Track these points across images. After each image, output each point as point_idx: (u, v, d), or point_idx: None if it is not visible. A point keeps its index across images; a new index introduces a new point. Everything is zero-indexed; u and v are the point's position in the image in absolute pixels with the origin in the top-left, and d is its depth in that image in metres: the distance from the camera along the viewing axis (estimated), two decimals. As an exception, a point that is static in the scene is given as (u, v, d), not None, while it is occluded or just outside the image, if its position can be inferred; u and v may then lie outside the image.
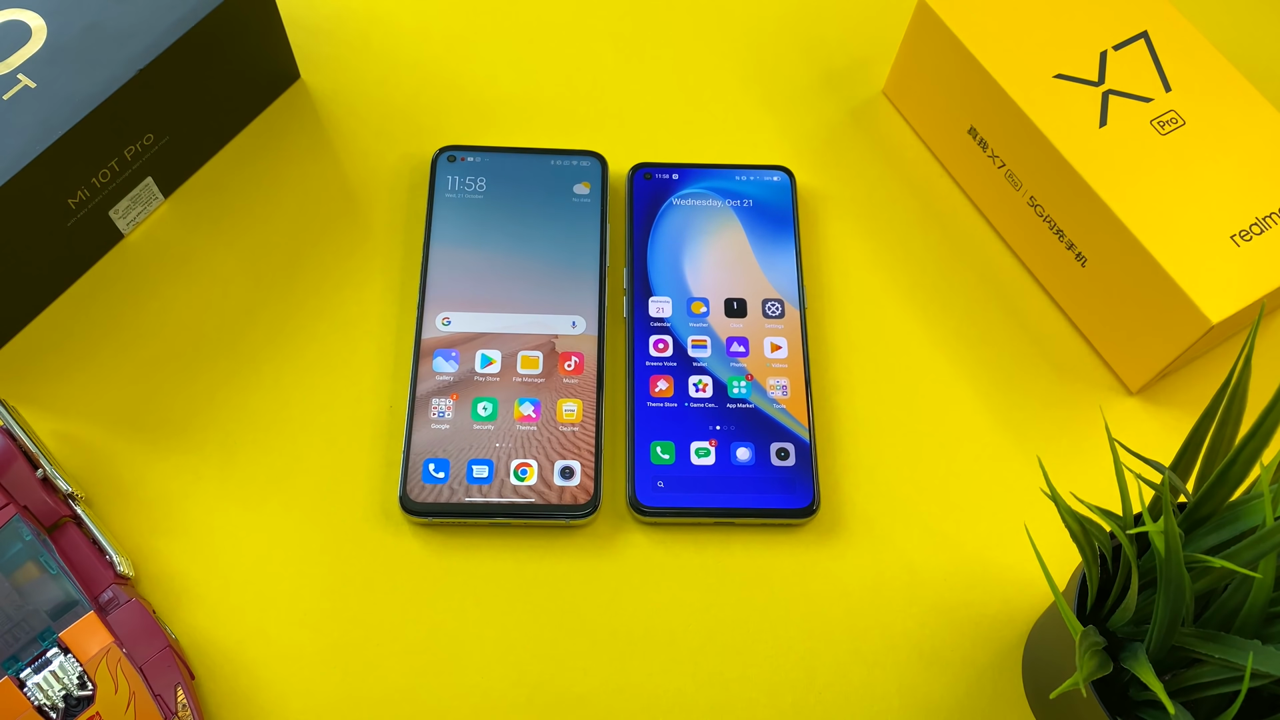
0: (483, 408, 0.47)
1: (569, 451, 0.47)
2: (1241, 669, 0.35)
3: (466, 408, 0.47)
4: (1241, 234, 0.50)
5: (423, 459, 0.46)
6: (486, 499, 0.45)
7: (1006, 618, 0.49)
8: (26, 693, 0.42)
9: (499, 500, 0.45)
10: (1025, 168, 0.53)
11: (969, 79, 0.54)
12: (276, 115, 0.58)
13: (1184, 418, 0.53)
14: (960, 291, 0.56)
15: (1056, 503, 0.37)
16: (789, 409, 0.51)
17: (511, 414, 0.47)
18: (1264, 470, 0.36)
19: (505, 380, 0.48)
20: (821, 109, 0.60)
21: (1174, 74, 0.53)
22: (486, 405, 0.47)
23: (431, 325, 0.49)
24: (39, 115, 0.47)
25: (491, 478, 0.46)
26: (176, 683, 0.44)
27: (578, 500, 0.46)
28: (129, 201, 0.53)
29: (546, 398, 0.48)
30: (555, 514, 0.45)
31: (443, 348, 0.49)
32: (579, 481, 0.46)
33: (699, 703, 0.47)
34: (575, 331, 0.49)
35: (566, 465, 0.46)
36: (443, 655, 0.47)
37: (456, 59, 0.60)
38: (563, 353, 0.49)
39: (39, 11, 0.50)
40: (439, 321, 0.49)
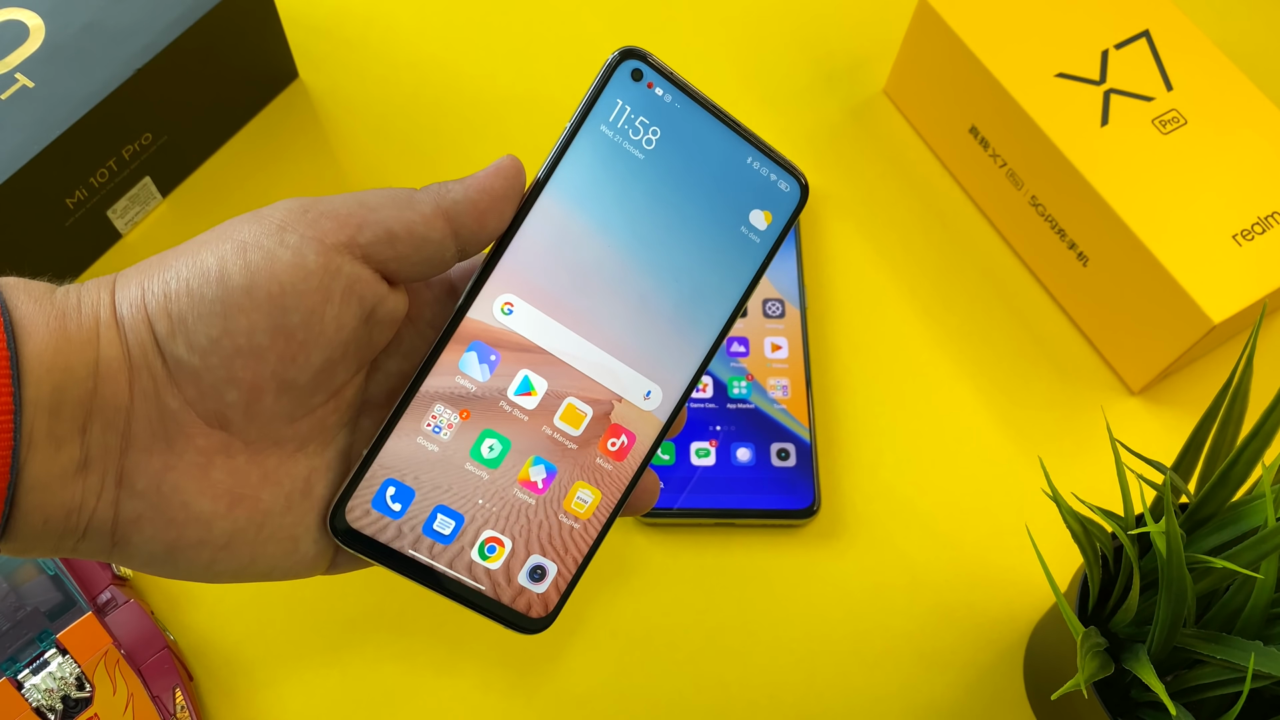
0: (489, 446, 0.33)
1: (553, 549, 0.35)
2: (1243, 670, 0.35)
3: (470, 437, 0.33)
4: (1243, 233, 0.49)
5: (385, 476, 0.32)
6: (433, 562, 0.33)
7: (1008, 618, 0.49)
8: (25, 694, 0.42)
9: (444, 570, 0.33)
10: (1026, 167, 0.53)
11: (970, 78, 0.54)
12: (275, 114, 0.58)
13: (1186, 418, 0.53)
14: (961, 291, 0.56)
15: (1058, 503, 0.37)
16: (789, 409, 0.51)
17: (518, 470, 0.34)
18: (1266, 471, 0.36)
19: (534, 423, 0.34)
20: (822, 108, 0.60)
21: (1175, 73, 0.53)
22: (495, 445, 0.33)
23: (486, 306, 0.33)
24: (37, 114, 0.47)
25: (453, 539, 0.33)
26: (175, 684, 0.44)
27: (530, 610, 0.34)
28: (127, 201, 0.53)
29: (566, 471, 0.34)
30: (496, 614, 0.34)
31: (486, 342, 0.33)
32: (545, 590, 0.34)
33: (699, 704, 0.47)
34: (644, 404, 0.35)
35: (540, 565, 0.34)
36: (442, 655, 0.47)
37: (456, 59, 0.60)
38: (614, 424, 0.35)
39: (37, 11, 0.50)
40: (498, 306, 0.33)
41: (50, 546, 0.28)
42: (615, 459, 0.35)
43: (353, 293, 0.29)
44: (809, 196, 0.36)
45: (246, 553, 0.30)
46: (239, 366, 0.28)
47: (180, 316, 0.28)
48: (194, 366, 0.28)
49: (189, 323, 0.28)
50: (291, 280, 0.28)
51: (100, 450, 0.28)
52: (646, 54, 0.34)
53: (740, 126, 0.35)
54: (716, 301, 0.35)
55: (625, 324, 0.35)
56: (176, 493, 0.28)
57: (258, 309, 0.28)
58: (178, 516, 0.29)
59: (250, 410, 0.29)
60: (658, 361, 0.35)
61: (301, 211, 0.29)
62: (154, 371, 0.28)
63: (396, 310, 0.31)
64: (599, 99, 0.34)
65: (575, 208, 0.34)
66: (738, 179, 0.35)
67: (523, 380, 0.34)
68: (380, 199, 0.30)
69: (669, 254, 0.35)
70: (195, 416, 0.29)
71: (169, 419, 0.28)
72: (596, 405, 0.35)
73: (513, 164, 0.32)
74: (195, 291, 0.28)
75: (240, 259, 0.28)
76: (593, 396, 0.35)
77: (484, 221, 0.31)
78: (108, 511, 0.28)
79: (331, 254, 0.29)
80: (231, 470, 0.29)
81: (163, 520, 0.28)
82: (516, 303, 0.33)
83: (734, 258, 0.36)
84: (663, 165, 0.34)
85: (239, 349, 0.28)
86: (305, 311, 0.28)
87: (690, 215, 0.35)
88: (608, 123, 0.34)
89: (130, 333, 0.28)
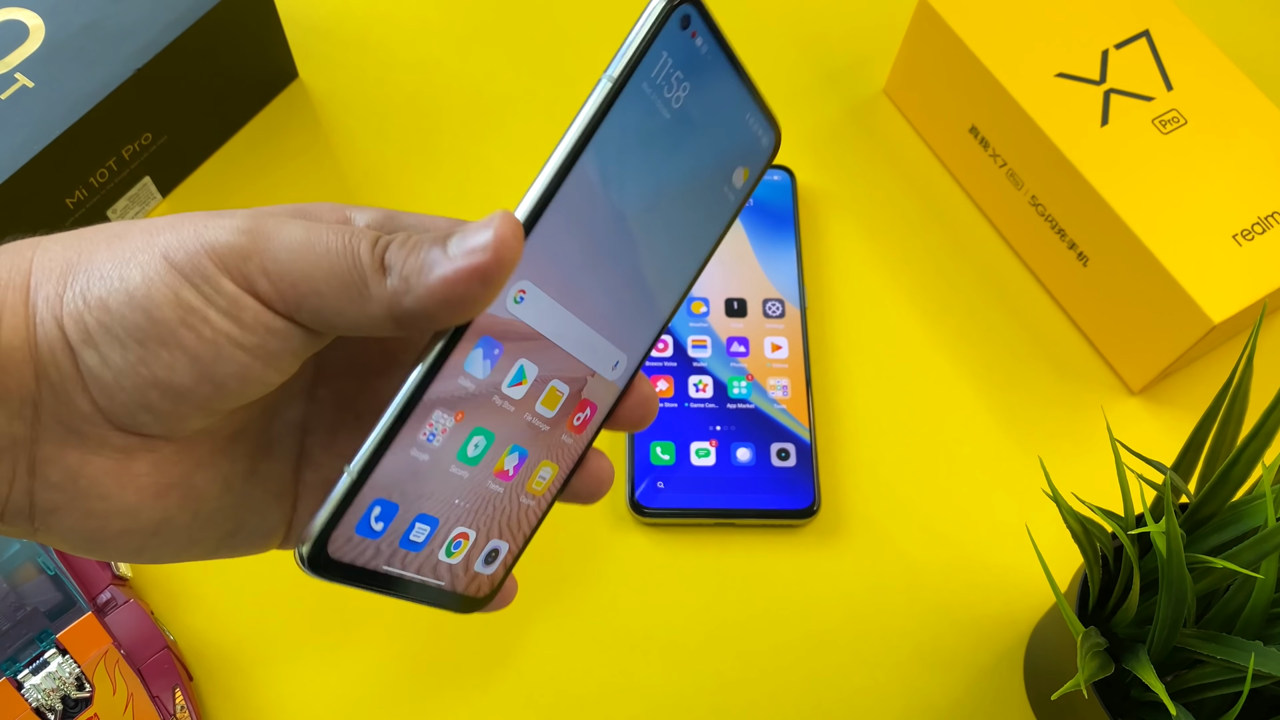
0: (475, 444, 0.29)
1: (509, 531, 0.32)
2: (1243, 670, 0.35)
3: (459, 439, 0.29)
4: (1243, 233, 0.49)
5: (374, 497, 0.27)
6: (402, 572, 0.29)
7: (1008, 618, 0.49)
8: (25, 694, 0.42)
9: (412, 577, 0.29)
10: (1027, 167, 0.53)
11: (970, 78, 0.54)
12: (275, 114, 0.58)
13: (1186, 418, 0.53)
14: (961, 291, 0.56)
15: (1058, 503, 0.37)
16: (789, 409, 0.51)
17: (494, 463, 0.30)
18: (1266, 471, 0.36)
19: (517, 412, 0.30)
20: (822, 108, 0.60)
21: (1176, 73, 0.53)
22: (480, 442, 0.30)
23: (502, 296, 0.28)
24: (37, 114, 0.47)
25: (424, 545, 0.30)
26: (175, 684, 0.44)
27: (478, 591, 0.32)
28: (127, 201, 0.53)
29: (535, 452, 0.31)
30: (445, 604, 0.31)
31: (496, 337, 0.29)
32: (494, 570, 0.32)
33: (699, 704, 0.47)
34: (611, 374, 0.32)
35: (495, 548, 0.32)
36: (442, 655, 0.47)
37: (456, 59, 0.60)
38: (583, 400, 0.32)
39: (37, 11, 0.50)
40: (512, 295, 0.28)
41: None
42: (576, 433, 0.32)
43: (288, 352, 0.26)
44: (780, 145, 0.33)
45: (182, 537, 0.28)
46: (155, 396, 0.25)
47: (97, 328, 0.25)
48: (106, 382, 0.25)
49: (103, 340, 0.25)
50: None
51: (8, 439, 0.25)
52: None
53: (749, 79, 0.31)
54: (684, 263, 0.32)
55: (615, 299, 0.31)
56: (95, 486, 0.26)
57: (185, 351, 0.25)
58: (97, 509, 0.26)
59: (171, 428, 0.26)
60: (629, 331, 0.32)
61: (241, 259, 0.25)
62: (63, 370, 0.25)
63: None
64: (649, 50, 0.28)
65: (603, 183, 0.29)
66: (733, 136, 0.31)
67: (517, 370, 0.30)
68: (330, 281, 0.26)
69: (666, 225, 0.31)
70: (107, 422, 0.26)
71: (80, 419, 0.26)
72: (573, 384, 0.31)
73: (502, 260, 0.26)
74: (114, 311, 0.25)
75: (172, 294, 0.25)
76: (570, 375, 0.31)
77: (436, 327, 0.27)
78: (23, 499, 0.26)
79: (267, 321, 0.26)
80: (156, 463, 0.27)
81: (82, 512, 0.26)
82: (530, 290, 0.29)
83: (711, 218, 0.32)
84: (682, 126, 0.30)
85: (156, 381, 0.25)
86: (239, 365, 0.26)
87: (690, 181, 0.31)
88: (649, 79, 0.28)
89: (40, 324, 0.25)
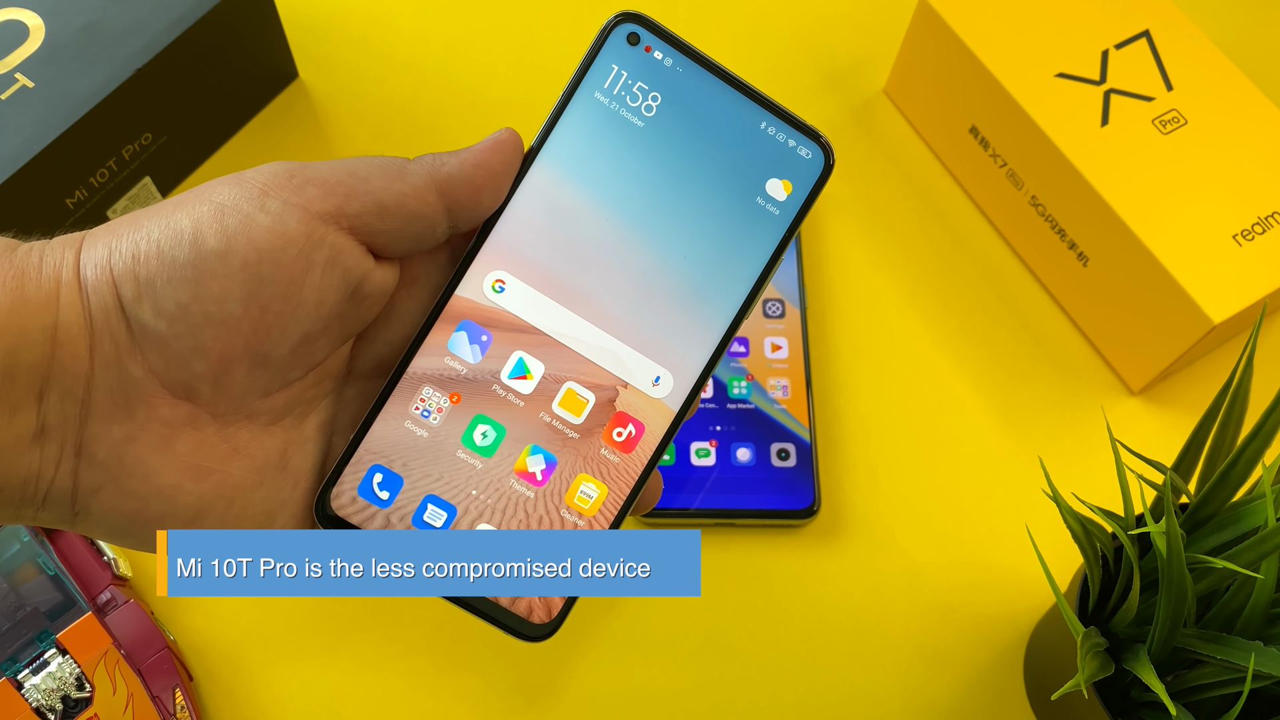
0: (482, 433, 0.32)
1: None
2: (1243, 670, 0.35)
3: (461, 422, 0.31)
4: (1244, 233, 0.49)
5: (372, 462, 0.31)
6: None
7: (1008, 618, 0.49)
8: (25, 694, 0.42)
9: None
10: (1027, 167, 0.53)
11: (970, 78, 0.54)
12: (275, 114, 0.58)
13: (1186, 418, 0.53)
14: (961, 291, 0.56)
15: (1058, 503, 0.37)
16: (789, 409, 0.51)
17: (513, 459, 0.32)
18: (1266, 471, 0.36)
19: (530, 409, 0.32)
20: (822, 109, 0.60)
21: (1176, 73, 0.53)
22: (489, 432, 0.32)
23: (476, 283, 0.31)
24: (37, 114, 0.47)
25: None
26: (175, 684, 0.44)
27: (532, 614, 0.32)
28: (127, 201, 0.53)
29: (568, 462, 0.32)
30: (495, 618, 0.32)
31: (476, 321, 0.31)
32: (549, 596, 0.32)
33: (700, 704, 0.47)
34: (654, 391, 0.32)
35: None
36: (442, 655, 0.47)
37: (456, 59, 0.60)
38: (620, 412, 0.32)
39: (37, 11, 0.50)
40: (489, 284, 0.31)
41: (9, 515, 0.27)
42: (622, 450, 0.32)
43: (336, 265, 0.28)
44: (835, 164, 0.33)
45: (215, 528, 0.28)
46: (208, 336, 0.26)
47: (148, 279, 0.26)
48: (160, 333, 0.26)
49: (157, 286, 0.26)
50: (270, 247, 0.26)
51: (58, 418, 0.26)
52: (644, 16, 0.32)
53: (753, 90, 0.33)
54: (732, 278, 0.32)
55: (628, 303, 0.32)
56: (139, 464, 0.27)
57: (232, 276, 0.26)
58: (139, 489, 0.27)
59: (219, 382, 0.27)
60: (667, 345, 0.32)
61: (287, 176, 0.27)
62: (117, 337, 0.26)
63: (385, 285, 0.30)
64: (592, 65, 0.32)
65: (569, 179, 0.32)
66: (751, 146, 0.33)
67: (517, 363, 0.32)
68: (371, 168, 0.28)
69: (675, 228, 0.32)
70: (159, 386, 0.27)
71: (132, 388, 0.27)
72: (599, 391, 0.32)
73: (511, 138, 0.30)
74: (166, 254, 0.26)
75: (217, 222, 0.26)
76: (595, 381, 0.32)
77: (478, 197, 0.30)
78: (67, 481, 0.27)
79: (315, 223, 0.27)
80: (198, 443, 0.28)
81: (123, 492, 0.27)
82: (509, 279, 0.32)
83: (749, 231, 0.32)
84: (666, 134, 0.32)
85: (209, 317, 0.26)
86: (283, 282, 0.27)
87: (698, 186, 0.32)
88: (603, 90, 0.32)
89: (93, 295, 0.26)
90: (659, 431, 0.32)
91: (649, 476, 0.33)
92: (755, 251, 0.33)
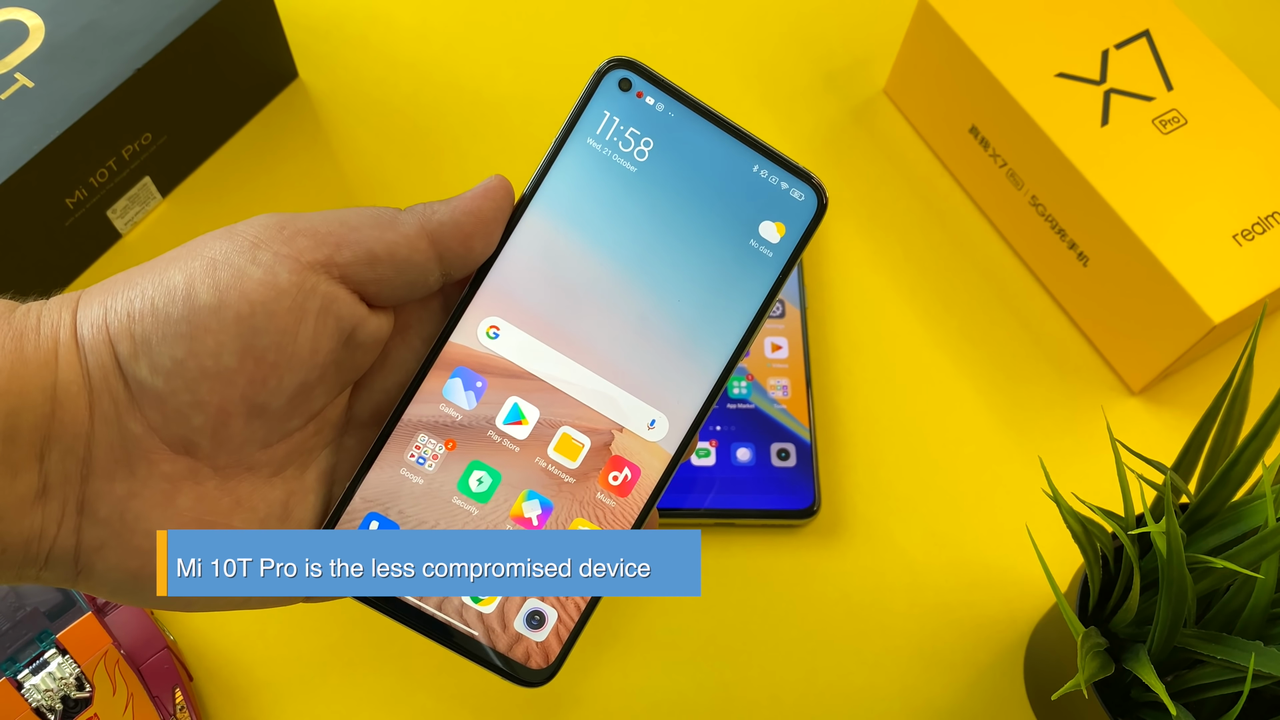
0: (478, 479, 0.32)
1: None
2: (1244, 670, 0.35)
3: (457, 469, 0.32)
4: (1244, 233, 0.49)
5: (368, 510, 0.31)
6: (420, 605, 0.31)
7: (1008, 618, 0.49)
8: (25, 694, 0.42)
9: (434, 613, 0.32)
10: (1027, 167, 0.53)
11: (970, 78, 0.54)
12: (275, 114, 0.58)
13: (1186, 418, 0.53)
14: (961, 291, 0.56)
15: (1058, 503, 0.37)
16: (789, 409, 0.51)
17: (509, 505, 0.32)
18: (1266, 471, 0.36)
19: (526, 455, 0.32)
20: (822, 109, 0.60)
21: (1176, 73, 0.53)
22: (484, 478, 0.32)
23: (470, 329, 0.32)
24: (37, 114, 0.47)
25: None
26: (175, 684, 0.44)
27: (529, 660, 0.32)
28: (127, 201, 0.53)
29: (564, 507, 0.32)
30: (492, 664, 0.32)
31: (471, 368, 0.32)
32: (544, 639, 0.32)
33: (700, 704, 0.47)
34: (649, 434, 0.33)
35: (537, 610, 0.32)
36: (442, 655, 0.47)
37: (456, 59, 0.60)
38: (615, 456, 0.33)
39: (37, 11, 0.50)
40: (484, 330, 0.32)
41: (12, 575, 0.27)
42: (618, 494, 0.33)
43: (329, 313, 0.28)
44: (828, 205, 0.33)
45: None
46: (205, 390, 0.27)
47: (144, 337, 0.26)
48: (157, 390, 0.27)
49: (152, 344, 0.26)
50: (262, 299, 0.27)
51: (60, 477, 0.26)
52: (635, 62, 0.32)
53: (744, 133, 0.33)
54: (726, 321, 0.33)
55: (622, 347, 0.32)
56: (141, 521, 0.27)
57: (225, 329, 0.27)
58: (142, 545, 0.27)
59: (218, 435, 0.28)
60: (662, 388, 0.33)
61: (278, 228, 0.28)
62: (115, 395, 0.27)
63: (379, 333, 0.30)
64: (584, 112, 0.33)
65: (563, 225, 0.32)
66: (743, 189, 0.33)
67: (512, 408, 0.32)
68: (361, 218, 0.29)
69: (669, 272, 0.32)
70: (159, 442, 0.27)
71: (132, 444, 0.27)
72: (595, 435, 0.32)
73: (500, 185, 0.31)
74: (160, 310, 0.26)
75: (209, 277, 0.27)
76: (590, 426, 0.32)
77: (470, 245, 0.30)
78: (69, 539, 0.27)
79: (306, 273, 0.27)
80: (200, 497, 0.28)
81: (127, 549, 0.27)
82: (503, 325, 0.32)
83: (743, 273, 0.33)
84: (658, 178, 0.32)
85: (205, 371, 0.27)
86: (277, 332, 0.27)
87: (691, 230, 0.33)
88: (595, 135, 0.33)
89: (90, 354, 0.27)
90: (655, 475, 0.33)
91: (646, 520, 0.33)
92: (749, 294, 0.33)
